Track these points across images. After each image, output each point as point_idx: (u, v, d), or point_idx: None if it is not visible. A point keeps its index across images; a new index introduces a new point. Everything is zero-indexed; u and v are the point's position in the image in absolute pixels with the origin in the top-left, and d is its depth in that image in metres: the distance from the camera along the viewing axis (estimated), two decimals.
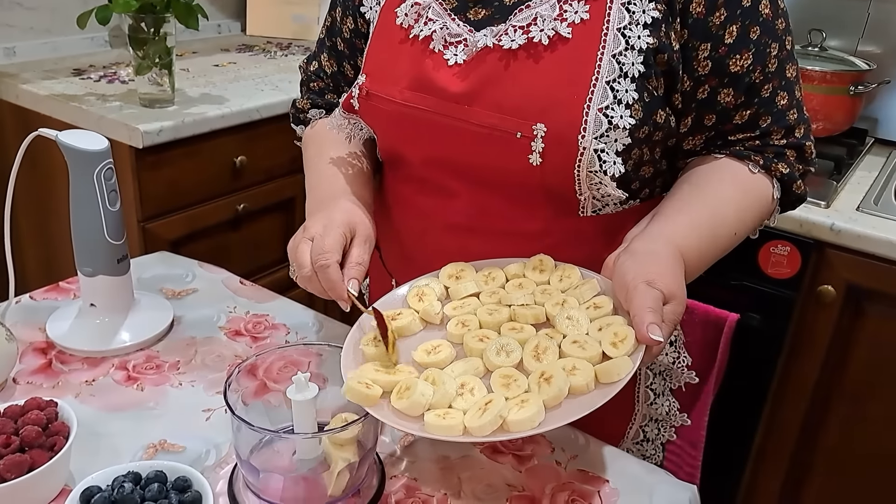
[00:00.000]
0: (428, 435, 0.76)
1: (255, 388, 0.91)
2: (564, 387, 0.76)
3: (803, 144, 1.00)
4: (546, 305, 0.89)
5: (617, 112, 0.90)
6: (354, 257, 0.93)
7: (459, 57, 0.96)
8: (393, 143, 1.06)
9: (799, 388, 1.78)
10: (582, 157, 0.90)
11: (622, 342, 0.79)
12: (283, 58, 2.54)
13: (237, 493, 0.85)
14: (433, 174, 1.03)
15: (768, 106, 0.97)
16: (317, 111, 1.19)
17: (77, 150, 1.00)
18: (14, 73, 2.07)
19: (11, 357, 0.99)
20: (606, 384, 0.77)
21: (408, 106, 0.98)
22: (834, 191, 1.73)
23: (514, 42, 0.93)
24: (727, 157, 1.00)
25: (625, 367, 0.77)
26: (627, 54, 0.90)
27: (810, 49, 2.09)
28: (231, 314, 1.21)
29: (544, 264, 0.95)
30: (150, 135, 1.75)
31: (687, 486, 0.93)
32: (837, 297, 1.65)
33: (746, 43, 0.93)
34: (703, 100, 0.96)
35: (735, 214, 0.97)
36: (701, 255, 0.93)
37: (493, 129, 0.93)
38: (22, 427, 0.82)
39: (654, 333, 0.78)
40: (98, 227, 1.04)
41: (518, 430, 0.74)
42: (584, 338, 0.82)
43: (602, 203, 0.98)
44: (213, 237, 2.04)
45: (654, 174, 1.01)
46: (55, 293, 1.23)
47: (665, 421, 1.18)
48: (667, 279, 0.83)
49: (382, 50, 1.03)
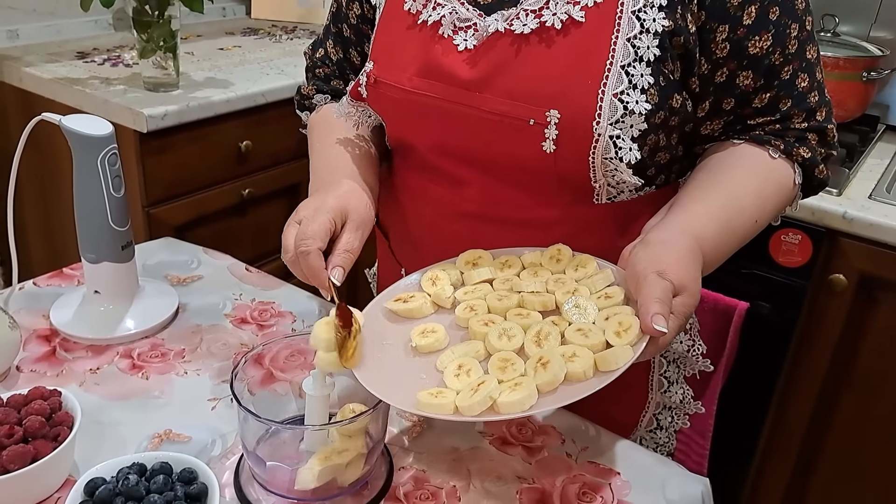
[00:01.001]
0: (418, 412, 0.76)
1: (262, 378, 0.90)
2: (560, 372, 0.75)
3: (825, 127, 0.98)
4: (556, 293, 0.87)
5: (632, 97, 0.88)
6: (343, 244, 0.91)
7: (469, 42, 0.94)
8: (402, 131, 1.04)
9: (808, 378, 1.77)
10: (597, 143, 0.88)
11: (626, 331, 0.78)
12: (289, 41, 2.52)
13: (243, 484, 0.84)
14: (443, 162, 1.01)
15: (788, 88, 0.95)
16: (322, 96, 1.17)
17: (81, 135, 0.99)
18: (17, 56, 2.05)
19: (15, 345, 0.98)
20: (605, 372, 0.76)
21: (416, 93, 0.96)
22: (846, 178, 1.71)
23: (526, 26, 0.90)
24: (746, 142, 0.98)
25: (623, 355, 0.75)
26: (642, 37, 0.87)
27: (823, 34, 2.07)
28: (237, 301, 1.19)
29: (562, 254, 0.93)
30: (154, 119, 1.74)
31: (699, 478, 0.92)
32: (849, 286, 1.63)
33: (766, 24, 0.90)
34: (722, 83, 0.94)
35: (755, 202, 0.95)
36: (720, 245, 0.91)
37: (504, 116, 0.91)
38: (25, 417, 0.81)
39: (658, 324, 0.76)
40: (102, 213, 1.02)
41: (507, 412, 0.74)
42: (588, 326, 0.81)
43: (617, 190, 0.96)
44: (218, 223, 2.03)
45: (671, 160, 0.99)
46: (59, 279, 1.21)
47: (679, 409, 1.17)
48: (678, 270, 0.81)
49: (390, 36, 1.01)
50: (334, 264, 0.88)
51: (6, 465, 0.76)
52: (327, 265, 0.88)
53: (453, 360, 0.81)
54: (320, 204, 0.92)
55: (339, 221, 0.92)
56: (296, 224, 0.91)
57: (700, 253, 0.86)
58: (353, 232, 0.92)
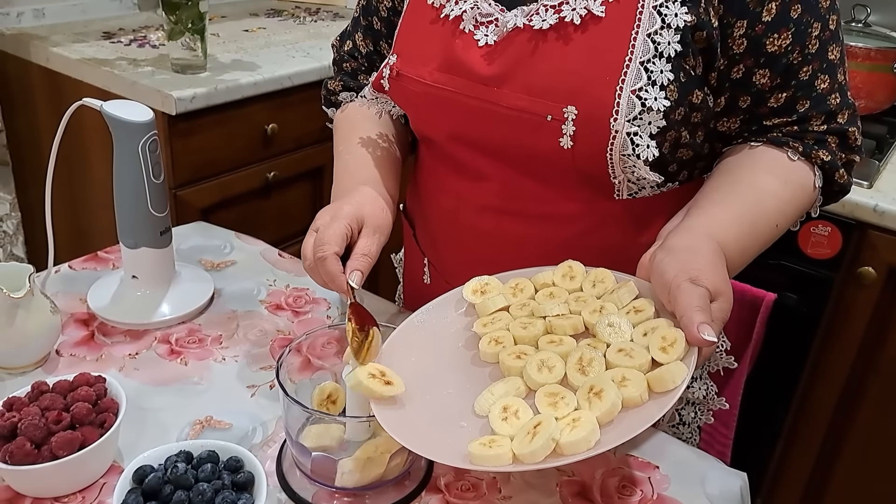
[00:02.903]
0: (474, 467, 0.70)
1: (300, 365, 0.90)
2: (618, 400, 0.71)
3: (846, 130, 0.95)
4: (583, 313, 0.82)
5: (651, 94, 0.86)
6: (360, 248, 0.92)
7: (490, 38, 0.93)
8: (423, 124, 1.04)
9: (834, 370, 1.76)
10: (614, 140, 0.87)
11: (672, 346, 0.73)
12: (313, 24, 2.51)
13: (286, 472, 0.85)
14: (464, 155, 1.01)
15: (807, 89, 0.92)
16: (348, 94, 1.17)
17: (123, 122, 0.99)
18: (44, 35, 2.05)
19: (56, 329, 0.98)
20: (661, 393, 0.71)
21: (437, 87, 0.96)
22: (876, 171, 1.70)
23: (545, 22, 0.89)
24: (764, 144, 0.96)
25: (679, 372, 0.71)
26: (663, 33, 0.86)
27: (854, 25, 2.05)
28: (271, 287, 1.20)
29: (574, 271, 0.89)
30: (183, 101, 1.73)
31: (738, 473, 0.92)
32: (878, 280, 1.63)
33: (786, 21, 0.88)
34: (738, 80, 0.92)
35: (776, 205, 0.92)
36: (743, 250, 0.89)
37: (522, 111, 0.91)
38: (72, 403, 0.82)
39: (706, 333, 0.72)
40: (142, 199, 1.03)
41: (573, 453, 0.68)
42: (629, 345, 0.76)
43: (638, 186, 0.95)
44: (242, 205, 2.03)
45: (694, 157, 0.98)
46: (94, 263, 1.22)
47: (702, 404, 1.16)
48: (711, 276, 0.78)
49: (413, 30, 1.01)
50: (352, 268, 0.89)
51: (55, 451, 0.77)
52: (345, 270, 0.89)
53: (494, 402, 0.76)
54: (336, 211, 0.93)
55: (355, 227, 0.93)
56: (313, 232, 0.93)
57: (724, 257, 0.83)
58: (369, 237, 0.93)
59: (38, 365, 0.98)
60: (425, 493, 0.85)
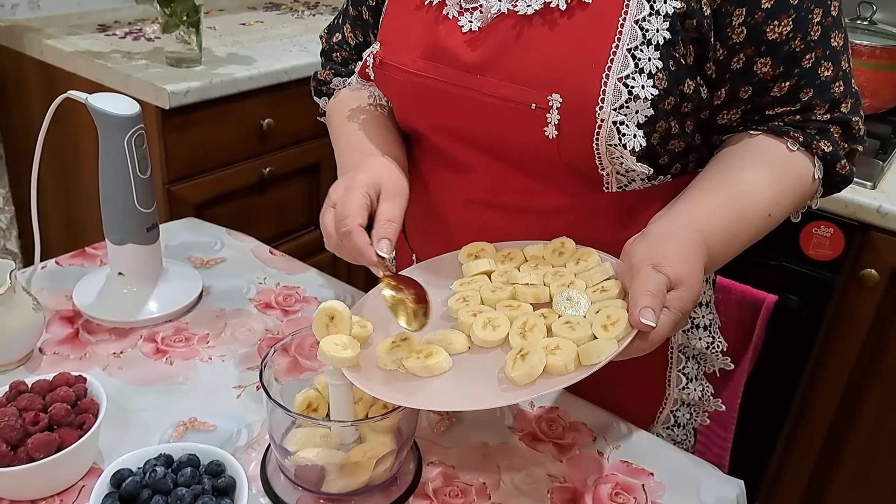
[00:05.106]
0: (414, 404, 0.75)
1: (288, 366, 0.88)
2: (539, 364, 0.72)
3: (850, 120, 0.93)
4: (551, 286, 0.84)
5: (638, 82, 0.84)
6: (384, 214, 0.87)
7: (474, 24, 0.90)
8: (408, 114, 1.02)
9: (835, 373, 1.74)
10: (600, 129, 0.85)
11: (613, 325, 0.74)
12: (311, 17, 2.49)
13: (270, 476, 0.83)
14: (449, 146, 0.98)
15: (810, 77, 0.90)
16: (340, 80, 1.15)
17: (108, 115, 0.96)
18: (38, 27, 2.03)
19: (38, 327, 0.96)
20: (587, 366, 0.72)
21: (420, 75, 0.94)
22: (880, 171, 1.67)
23: (530, 7, 0.87)
24: (763, 133, 0.93)
25: (606, 349, 0.72)
26: (652, 20, 0.83)
27: (859, 23, 2.02)
28: (261, 285, 1.17)
29: (565, 247, 0.90)
30: (177, 95, 1.71)
31: (735, 480, 0.90)
32: (881, 282, 1.60)
33: (786, 8, 0.85)
34: (738, 70, 0.89)
35: (769, 195, 0.90)
36: (729, 239, 0.87)
37: (506, 100, 0.88)
38: (51, 404, 0.80)
39: (646, 318, 0.72)
40: (128, 194, 1.01)
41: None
42: (576, 319, 0.78)
43: (628, 179, 0.93)
44: (238, 201, 2.01)
45: (686, 149, 0.95)
46: (81, 259, 1.20)
47: (698, 406, 1.14)
48: (676, 264, 0.77)
49: (397, 17, 0.99)
50: (379, 237, 0.84)
51: (32, 453, 0.75)
52: (371, 240, 0.85)
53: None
54: (350, 181, 0.89)
55: (373, 194, 0.88)
56: (331, 209, 0.88)
57: (704, 246, 0.82)
58: (390, 201, 0.88)
59: (21, 363, 0.96)
60: (413, 499, 0.82)
